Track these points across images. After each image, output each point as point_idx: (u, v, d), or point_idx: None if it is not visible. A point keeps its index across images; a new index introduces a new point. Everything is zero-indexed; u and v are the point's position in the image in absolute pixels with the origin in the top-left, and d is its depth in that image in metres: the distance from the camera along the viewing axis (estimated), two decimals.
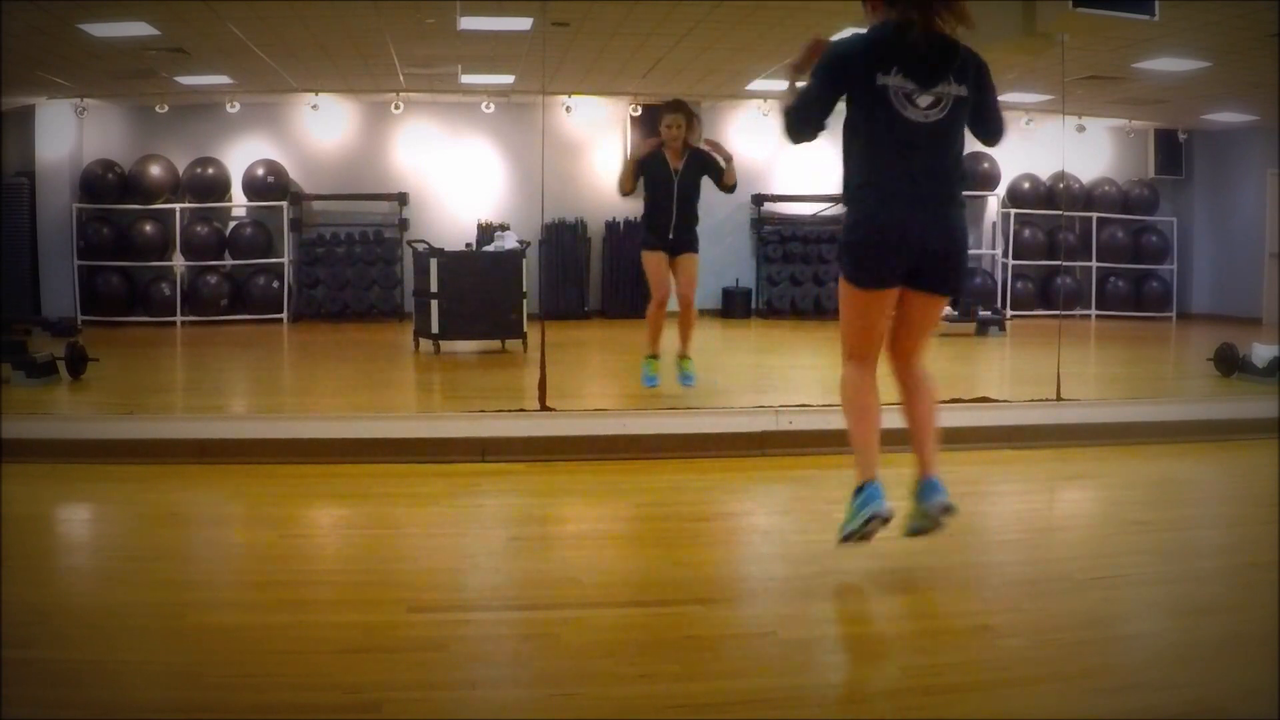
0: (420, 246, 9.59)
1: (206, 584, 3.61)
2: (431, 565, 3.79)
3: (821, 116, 3.46)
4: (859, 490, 3.44)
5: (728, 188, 6.58)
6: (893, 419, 5.96)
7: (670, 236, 6.46)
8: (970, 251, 13.91)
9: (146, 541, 4.12)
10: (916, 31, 3.30)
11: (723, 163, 6.45)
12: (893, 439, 5.73)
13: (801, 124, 3.47)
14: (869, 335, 3.54)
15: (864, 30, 3.47)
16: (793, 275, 13.62)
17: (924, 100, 3.32)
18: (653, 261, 6.47)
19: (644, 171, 6.51)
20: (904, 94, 3.30)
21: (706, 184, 6.57)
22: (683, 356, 6.55)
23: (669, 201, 6.44)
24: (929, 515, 3.51)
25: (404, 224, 13.06)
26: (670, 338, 6.87)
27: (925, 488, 3.53)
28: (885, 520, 3.39)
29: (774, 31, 9.16)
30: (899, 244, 3.36)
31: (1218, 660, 2.83)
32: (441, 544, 4.13)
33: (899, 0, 3.35)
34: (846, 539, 3.45)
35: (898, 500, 3.50)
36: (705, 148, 6.49)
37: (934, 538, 4.08)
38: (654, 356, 6.59)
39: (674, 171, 6.41)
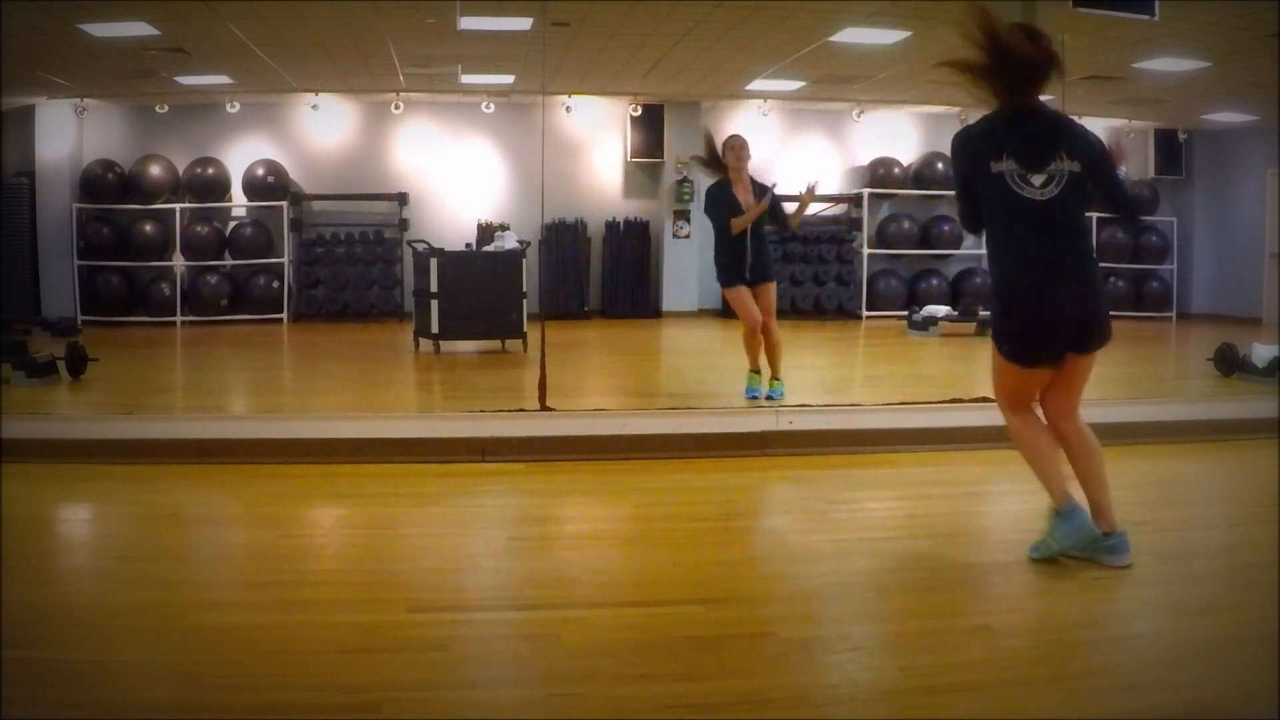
0: (420, 246, 9.59)
1: (206, 584, 3.61)
2: (431, 565, 3.79)
3: (974, 207, 3.69)
4: (1061, 513, 3.62)
5: (789, 230, 6.73)
6: (893, 419, 5.98)
7: (749, 274, 6.44)
8: (970, 252, 14.02)
9: (146, 541, 4.12)
10: (1014, 116, 3.54)
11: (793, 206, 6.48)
12: (892, 439, 5.76)
13: (970, 223, 3.77)
14: (1025, 396, 3.75)
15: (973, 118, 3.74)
16: (793, 275, 13.61)
17: (1037, 179, 3.51)
18: (738, 297, 6.48)
19: (716, 208, 6.44)
20: (1017, 176, 3.51)
21: None
22: (774, 379, 6.57)
23: (743, 238, 6.40)
24: (1101, 563, 3.62)
25: (404, 224, 13.06)
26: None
27: (1117, 545, 3.64)
28: (1090, 536, 3.60)
29: (774, 31, 9.16)
30: (1057, 325, 3.53)
31: (1218, 660, 2.83)
32: (441, 544, 4.13)
33: (1000, 87, 3.55)
34: (1043, 555, 3.66)
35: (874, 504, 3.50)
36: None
37: (934, 538, 4.10)
38: (756, 371, 6.62)
39: (746, 207, 6.37)
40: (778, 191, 6.53)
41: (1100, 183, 3.62)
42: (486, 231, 10.18)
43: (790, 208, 6.57)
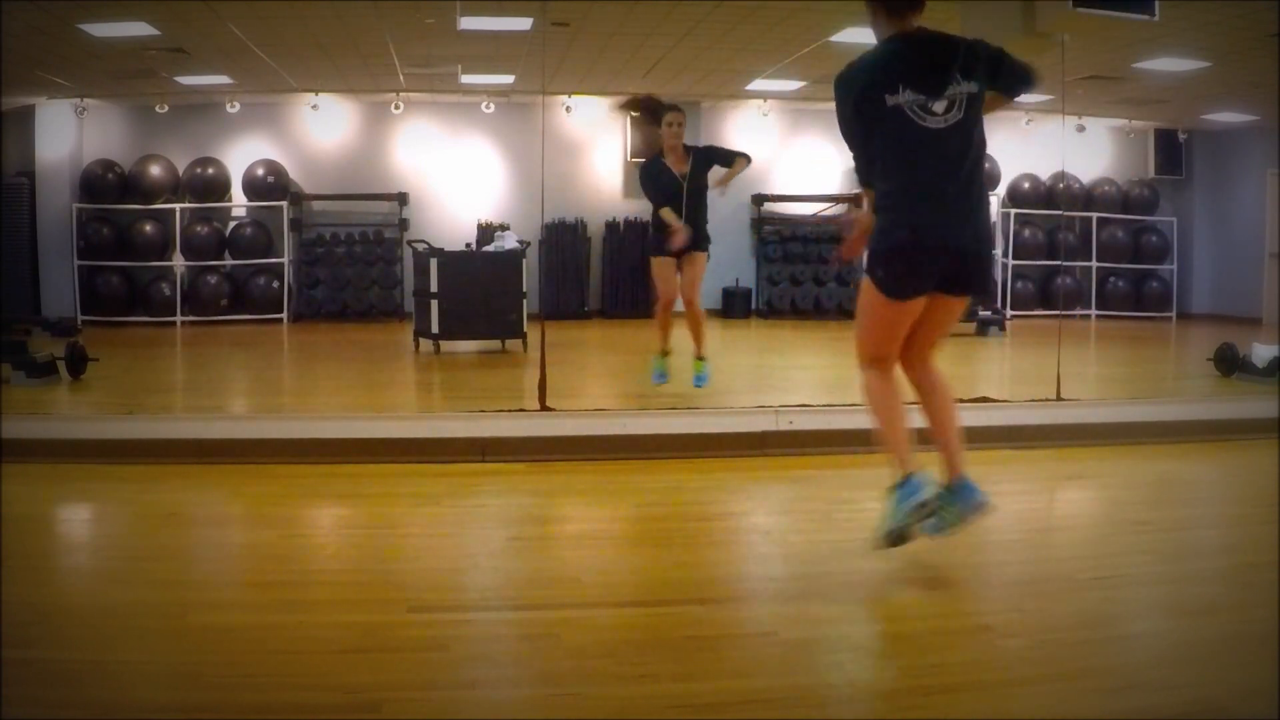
0: (420, 246, 9.59)
1: (206, 584, 3.61)
2: (431, 565, 3.79)
3: (870, 152, 3.48)
4: (900, 485, 3.44)
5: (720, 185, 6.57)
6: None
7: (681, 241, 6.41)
8: None
9: (146, 541, 4.12)
10: (901, 44, 3.37)
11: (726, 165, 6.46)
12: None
13: (862, 171, 3.54)
14: (891, 343, 3.53)
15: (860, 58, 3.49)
16: (793, 275, 13.63)
17: (939, 106, 3.34)
18: (662, 267, 6.44)
19: (648, 182, 6.42)
20: (917, 106, 3.33)
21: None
22: (697, 357, 6.52)
23: (679, 204, 6.38)
24: (963, 516, 3.50)
25: (404, 224, 13.06)
26: (683, 338, 6.81)
27: (961, 490, 3.50)
28: (929, 510, 3.42)
29: (774, 31, 9.16)
30: (933, 252, 3.37)
31: (1218, 660, 2.83)
32: (441, 544, 4.13)
33: (900, 6, 3.40)
34: (888, 537, 3.46)
35: (874, 504, 3.50)
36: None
37: (934, 538, 4.09)
38: (664, 354, 6.56)
39: (680, 177, 6.35)
40: (776, 191, 6.52)
41: (998, 71, 3.45)
42: (486, 231, 10.18)
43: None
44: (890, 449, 3.51)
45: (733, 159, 6.48)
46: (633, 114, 6.54)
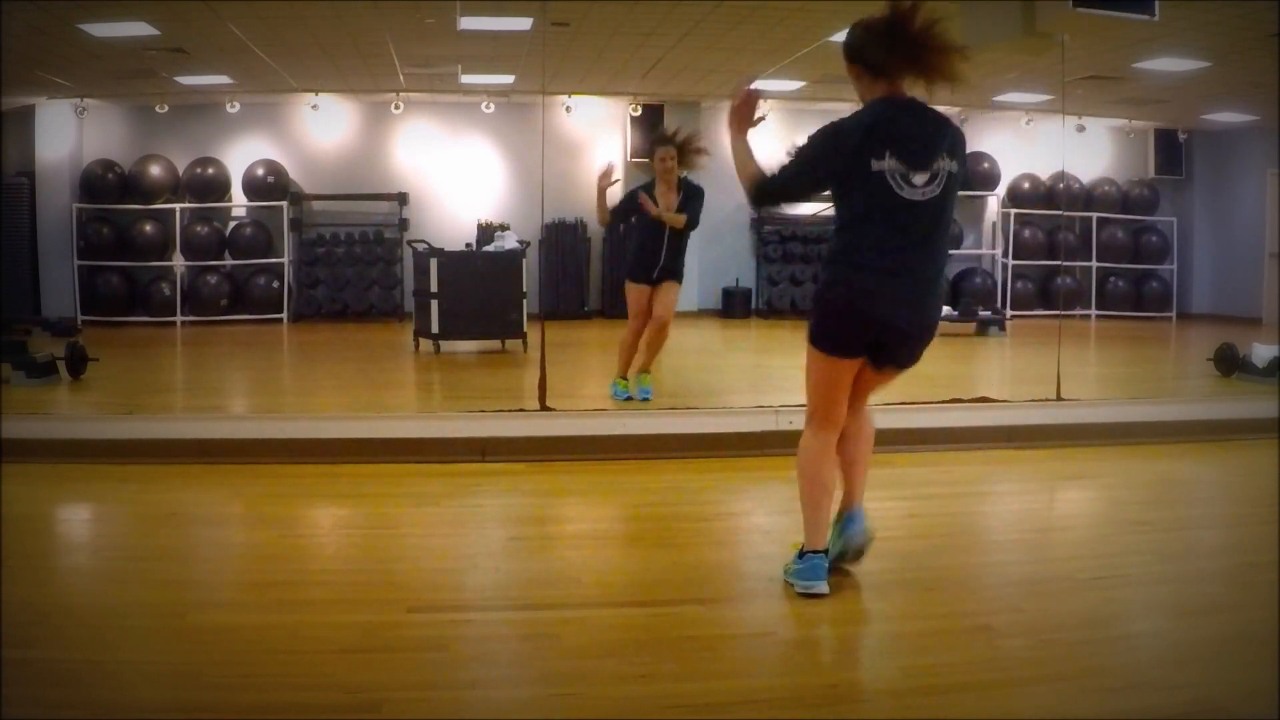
0: (420, 246, 9.59)
1: (206, 584, 3.61)
2: (431, 565, 3.79)
3: (803, 196, 3.55)
4: (805, 556, 3.40)
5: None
6: (893, 419, 5.98)
7: (656, 274, 6.39)
8: (970, 252, 14.02)
9: (146, 541, 4.12)
10: (894, 110, 3.31)
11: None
12: (892, 439, 5.76)
13: (777, 199, 3.55)
14: (833, 399, 3.48)
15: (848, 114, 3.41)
16: (792, 275, 13.63)
17: (919, 179, 3.28)
18: (636, 294, 6.42)
19: (634, 208, 6.34)
20: (899, 175, 3.27)
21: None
22: (643, 371, 6.48)
23: (660, 240, 6.33)
24: (850, 544, 3.51)
25: (404, 224, 13.06)
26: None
27: (850, 518, 3.52)
28: (822, 595, 3.35)
29: (774, 31, 9.16)
30: (864, 321, 3.33)
31: (1218, 660, 2.83)
32: (441, 544, 4.13)
33: (890, 72, 3.33)
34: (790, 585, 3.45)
35: (873, 504, 3.50)
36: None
37: (934, 538, 4.10)
38: (624, 378, 6.53)
39: (667, 207, 6.26)
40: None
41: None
42: (486, 231, 10.18)
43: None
44: (806, 518, 3.45)
45: (689, 212, 6.32)
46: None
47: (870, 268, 3.32)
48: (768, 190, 3.56)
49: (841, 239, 3.41)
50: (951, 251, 13.94)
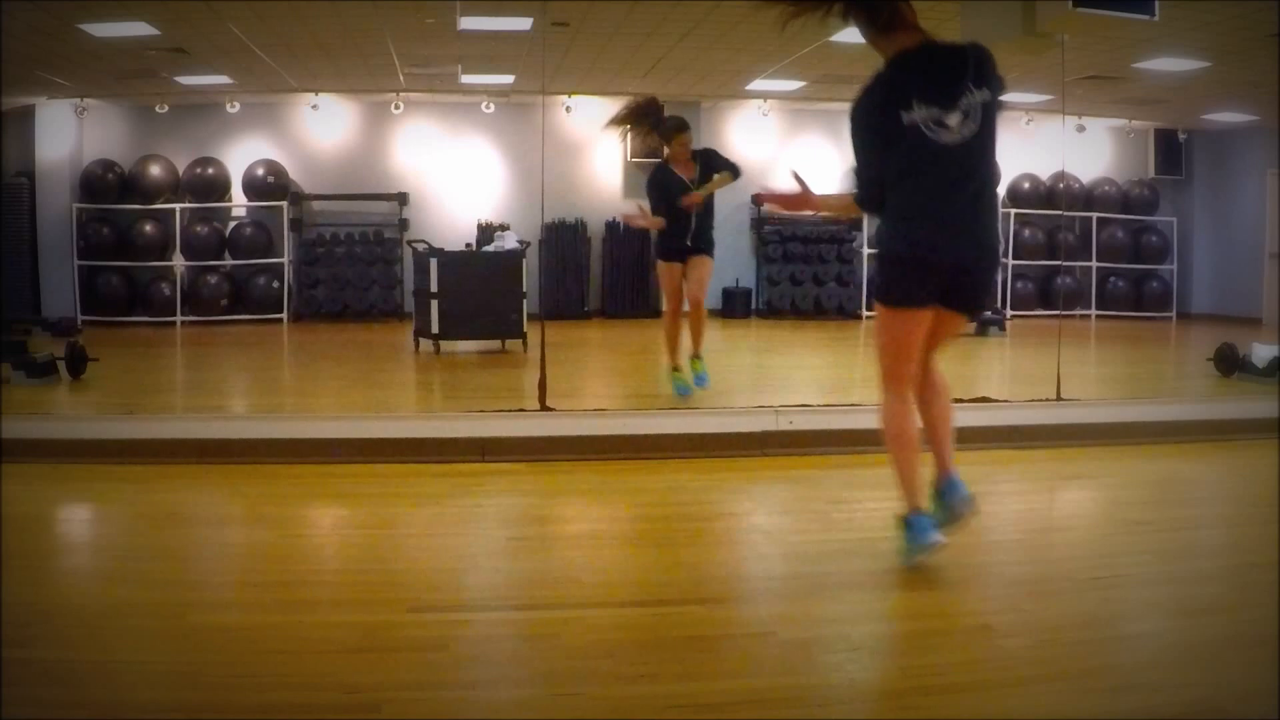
0: (420, 246, 9.59)
1: (206, 584, 3.61)
2: (431, 565, 3.79)
3: (884, 175, 3.42)
4: (907, 522, 3.51)
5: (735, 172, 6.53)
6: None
7: (688, 243, 6.42)
8: None
9: (146, 541, 4.12)
10: (907, 58, 3.32)
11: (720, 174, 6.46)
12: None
13: (876, 198, 3.46)
14: (905, 355, 3.51)
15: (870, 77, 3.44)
16: (793, 275, 13.62)
17: (953, 120, 3.28)
18: (669, 272, 6.46)
19: (657, 189, 6.42)
20: (931, 123, 3.27)
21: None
22: (694, 357, 6.54)
23: (687, 214, 6.39)
24: (953, 512, 3.55)
25: (404, 224, 13.06)
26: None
27: (948, 486, 3.57)
28: (938, 548, 3.49)
29: (774, 31, 9.14)
30: (935, 264, 3.37)
31: (1218, 660, 2.83)
32: (441, 544, 4.13)
33: (895, 21, 3.35)
34: (909, 564, 3.56)
35: (873, 504, 3.50)
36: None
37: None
38: (677, 369, 6.55)
39: (690, 182, 6.34)
40: (777, 191, 6.50)
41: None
42: (486, 231, 10.18)
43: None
44: (899, 480, 3.57)
45: (726, 167, 6.44)
46: (631, 125, 6.43)
47: (923, 216, 3.35)
48: (863, 200, 3.54)
49: (892, 198, 3.41)
50: None
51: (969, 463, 5.50)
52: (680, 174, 6.38)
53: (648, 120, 6.44)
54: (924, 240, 3.36)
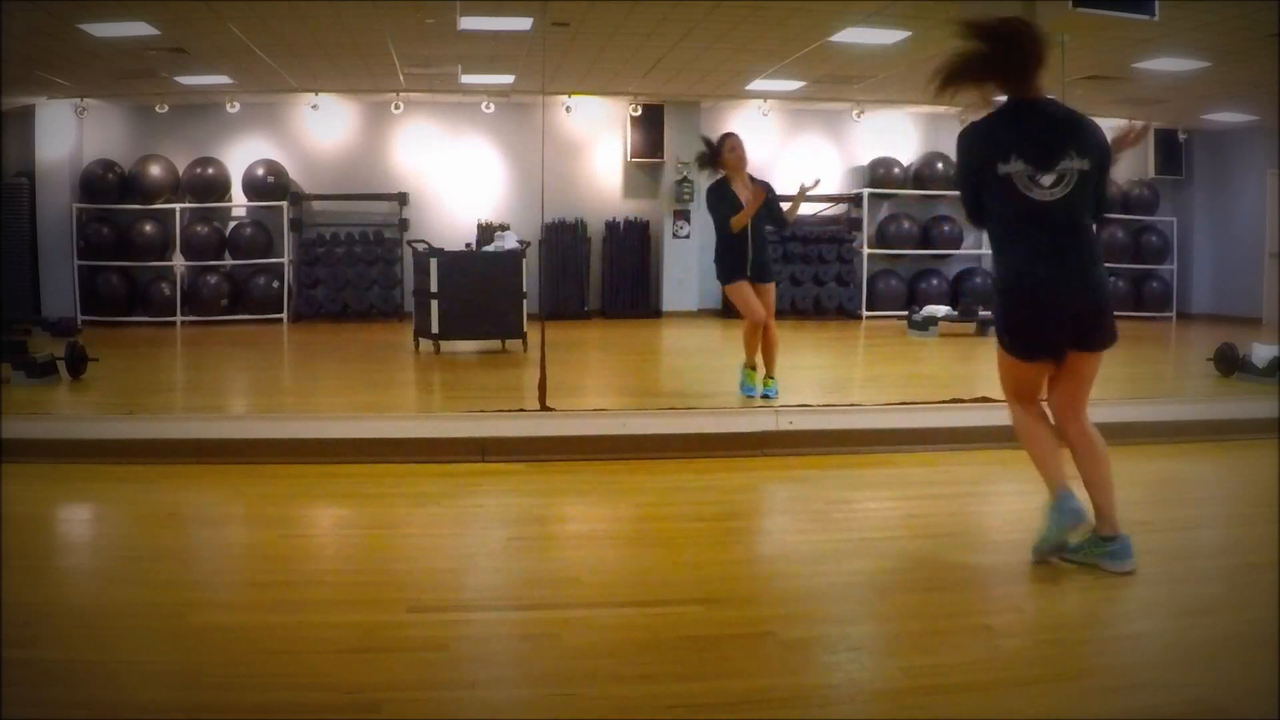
0: (420, 246, 9.59)
1: (206, 584, 3.61)
2: (431, 565, 3.79)
3: (980, 206, 3.63)
4: (1053, 504, 3.58)
5: (786, 226, 6.78)
6: (893, 419, 5.98)
7: (749, 272, 6.45)
8: (970, 252, 14.01)
9: (146, 541, 4.12)
10: (1021, 112, 3.47)
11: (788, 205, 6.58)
12: (892, 439, 5.76)
13: (975, 219, 3.73)
14: (1028, 390, 3.74)
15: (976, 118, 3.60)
16: (793, 275, 13.61)
17: (1046, 180, 3.43)
18: (741, 290, 6.49)
19: (714, 206, 6.47)
20: (1026, 178, 3.43)
21: None
22: (769, 377, 6.56)
23: (744, 236, 6.41)
24: (1103, 568, 3.56)
25: (404, 224, 13.06)
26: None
27: (1120, 550, 3.57)
28: (1083, 519, 3.56)
29: (774, 31, 9.16)
30: (1050, 320, 3.51)
31: (1218, 660, 2.83)
32: (441, 544, 4.13)
33: (999, 75, 3.47)
34: (1045, 550, 3.61)
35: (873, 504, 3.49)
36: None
37: (934, 538, 4.10)
38: (752, 368, 6.61)
39: (745, 203, 6.36)
40: (777, 192, 6.53)
41: (1098, 181, 3.59)
42: (486, 231, 10.18)
43: (786, 206, 6.60)
44: (1042, 471, 3.68)
45: (779, 214, 6.59)
46: (702, 164, 6.59)
47: (1033, 274, 3.51)
48: (968, 217, 3.77)
49: (998, 259, 3.66)
50: (951, 252, 14.09)
51: (970, 463, 5.54)
52: (738, 193, 6.43)
53: (711, 154, 6.53)
54: (1044, 302, 3.51)
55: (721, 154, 6.49)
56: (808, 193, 6.54)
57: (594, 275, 13.60)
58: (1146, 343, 11.34)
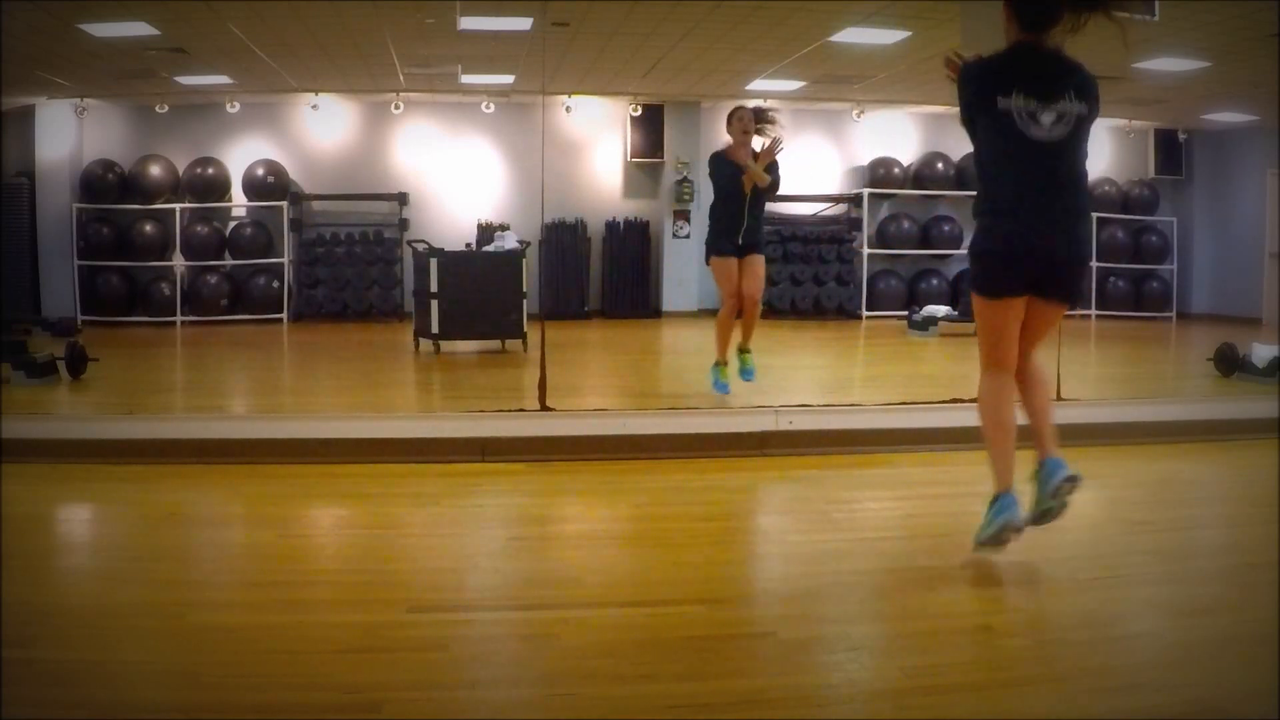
0: (420, 246, 9.59)
1: (206, 584, 3.61)
2: (431, 565, 3.79)
3: (978, 147, 3.64)
4: (995, 499, 3.56)
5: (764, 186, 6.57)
6: (893, 419, 5.98)
7: (740, 241, 6.42)
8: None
9: (146, 541, 4.12)
10: (1024, 52, 3.48)
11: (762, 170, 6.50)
12: (892, 439, 5.76)
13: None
14: (1003, 342, 3.64)
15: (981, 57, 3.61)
16: (793, 275, 13.62)
17: (1046, 117, 3.44)
18: (724, 267, 6.46)
19: (715, 175, 6.47)
20: (1026, 113, 3.43)
21: None
22: (743, 350, 6.55)
23: (740, 207, 6.40)
24: (1056, 492, 3.59)
25: (404, 224, 13.06)
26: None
27: (1050, 467, 3.61)
28: (1018, 529, 3.53)
29: (774, 31, 9.16)
30: (1025, 255, 3.49)
31: (1218, 660, 2.83)
32: (441, 544, 4.13)
33: (1033, 23, 3.49)
34: (982, 544, 3.60)
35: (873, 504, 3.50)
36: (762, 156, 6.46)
37: (934, 538, 4.09)
38: (723, 363, 6.57)
39: (743, 168, 6.35)
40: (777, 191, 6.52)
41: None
42: (486, 231, 10.18)
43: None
44: (991, 461, 3.65)
45: (773, 173, 6.47)
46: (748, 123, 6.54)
47: (1014, 212, 3.48)
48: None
49: (984, 191, 3.59)
50: (951, 252, 14.09)
51: (970, 463, 5.51)
52: (737, 163, 6.40)
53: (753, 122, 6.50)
54: (1015, 234, 3.48)
55: (730, 123, 6.49)
56: (773, 155, 6.41)
57: (594, 275, 13.60)
58: (1146, 343, 11.35)
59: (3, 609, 3.08)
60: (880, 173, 13.81)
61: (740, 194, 6.36)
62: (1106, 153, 14.61)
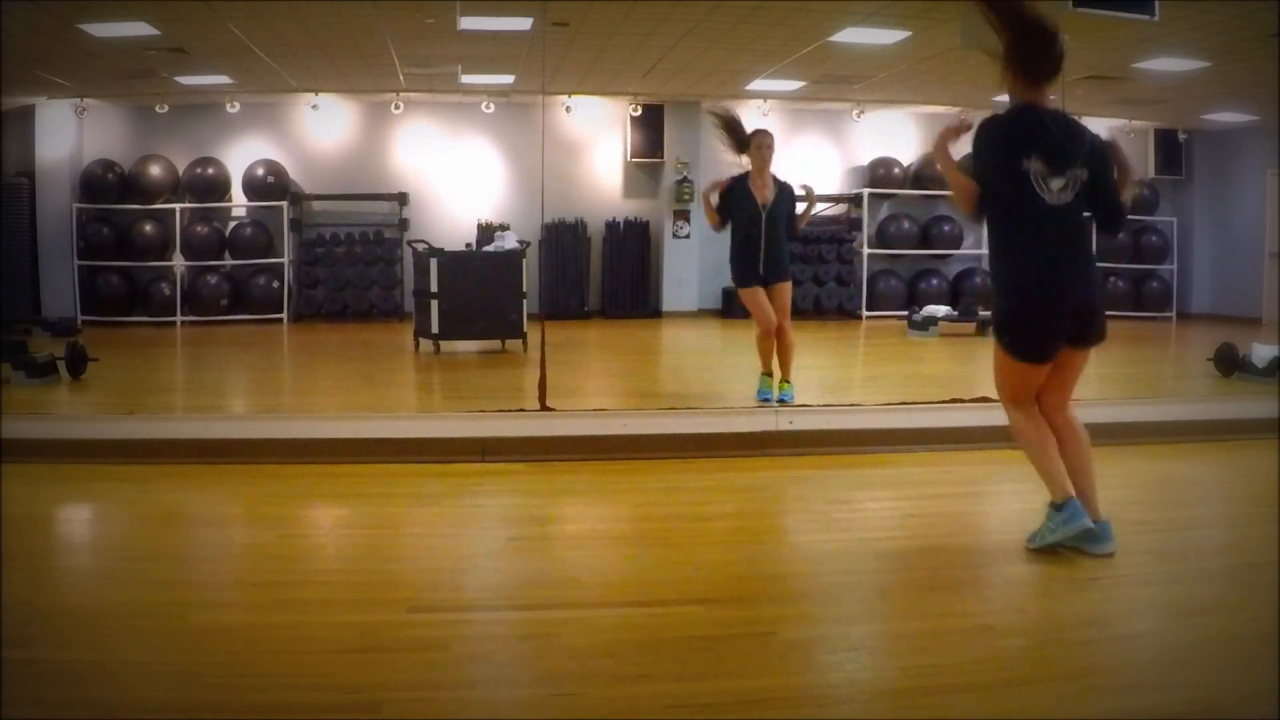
0: (420, 246, 9.59)
1: (206, 584, 3.61)
2: (431, 565, 3.79)
3: (998, 207, 3.71)
4: (1060, 507, 3.67)
5: (793, 232, 6.61)
6: (893, 419, 5.98)
7: (761, 271, 6.39)
8: (970, 252, 14.01)
9: (146, 542, 4.12)
10: (1041, 115, 3.59)
11: (800, 208, 6.51)
12: (892, 439, 5.77)
13: (983, 209, 3.75)
14: (1030, 391, 3.79)
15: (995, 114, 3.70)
16: (793, 275, 13.61)
17: (1056, 184, 3.58)
18: (753, 297, 6.41)
19: (730, 204, 6.38)
20: (1041, 178, 3.56)
21: None
22: (784, 381, 6.51)
23: (758, 235, 6.34)
24: (1080, 542, 3.69)
25: (404, 224, 13.06)
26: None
27: (1103, 531, 3.70)
28: (1085, 533, 3.65)
29: (774, 31, 9.16)
30: (1062, 319, 3.62)
31: (1218, 660, 2.83)
32: (441, 544, 4.13)
33: (1039, 77, 3.62)
34: (1038, 545, 3.73)
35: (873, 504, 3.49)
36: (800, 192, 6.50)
37: (934, 538, 4.10)
38: (768, 374, 6.55)
39: (762, 206, 6.30)
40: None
41: (1102, 189, 3.69)
42: (486, 231, 10.18)
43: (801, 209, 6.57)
44: (1046, 478, 3.75)
45: (792, 224, 6.53)
46: (718, 128, 6.48)
47: (1043, 279, 3.61)
48: (978, 207, 3.77)
49: (1006, 262, 3.71)
50: (951, 252, 14.08)
51: (970, 463, 5.54)
52: (755, 193, 6.33)
53: (725, 129, 6.45)
54: (1049, 300, 3.61)
55: (749, 150, 6.42)
56: (801, 200, 6.47)
57: (594, 275, 13.60)
58: (1147, 343, 11.34)
59: (3, 609, 3.08)
60: (880, 173, 13.81)
61: (758, 227, 6.33)
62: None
